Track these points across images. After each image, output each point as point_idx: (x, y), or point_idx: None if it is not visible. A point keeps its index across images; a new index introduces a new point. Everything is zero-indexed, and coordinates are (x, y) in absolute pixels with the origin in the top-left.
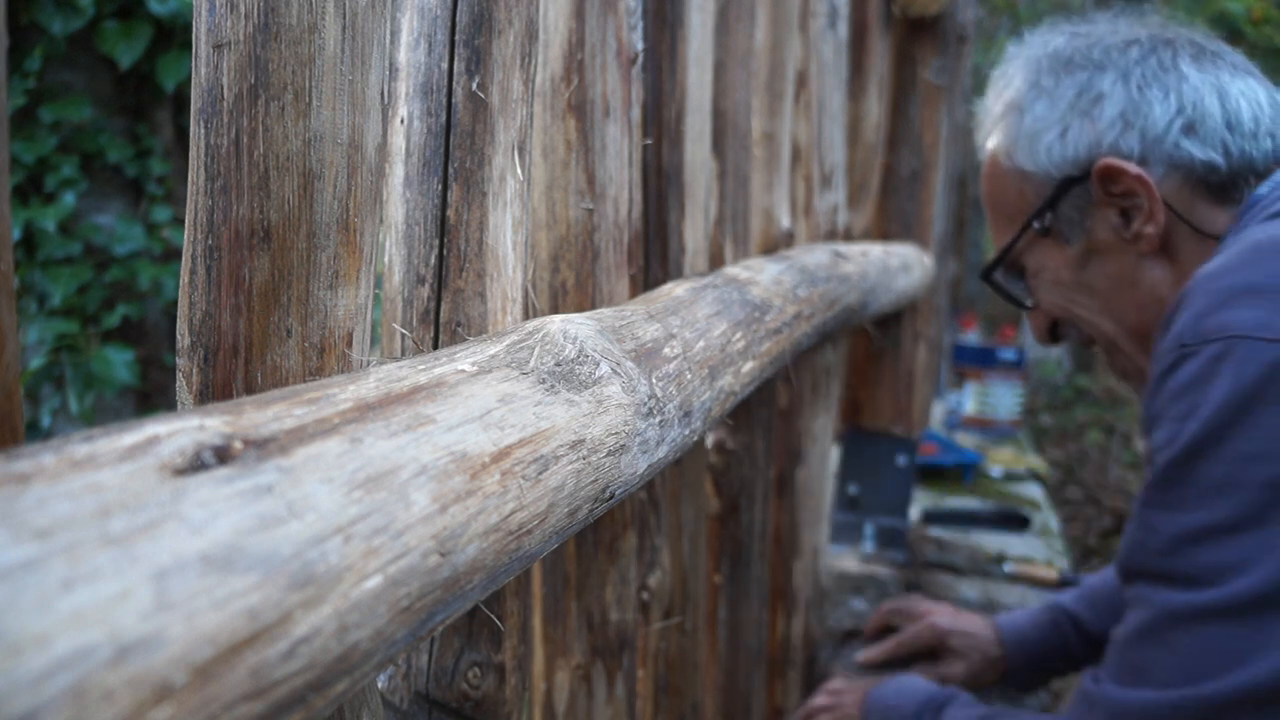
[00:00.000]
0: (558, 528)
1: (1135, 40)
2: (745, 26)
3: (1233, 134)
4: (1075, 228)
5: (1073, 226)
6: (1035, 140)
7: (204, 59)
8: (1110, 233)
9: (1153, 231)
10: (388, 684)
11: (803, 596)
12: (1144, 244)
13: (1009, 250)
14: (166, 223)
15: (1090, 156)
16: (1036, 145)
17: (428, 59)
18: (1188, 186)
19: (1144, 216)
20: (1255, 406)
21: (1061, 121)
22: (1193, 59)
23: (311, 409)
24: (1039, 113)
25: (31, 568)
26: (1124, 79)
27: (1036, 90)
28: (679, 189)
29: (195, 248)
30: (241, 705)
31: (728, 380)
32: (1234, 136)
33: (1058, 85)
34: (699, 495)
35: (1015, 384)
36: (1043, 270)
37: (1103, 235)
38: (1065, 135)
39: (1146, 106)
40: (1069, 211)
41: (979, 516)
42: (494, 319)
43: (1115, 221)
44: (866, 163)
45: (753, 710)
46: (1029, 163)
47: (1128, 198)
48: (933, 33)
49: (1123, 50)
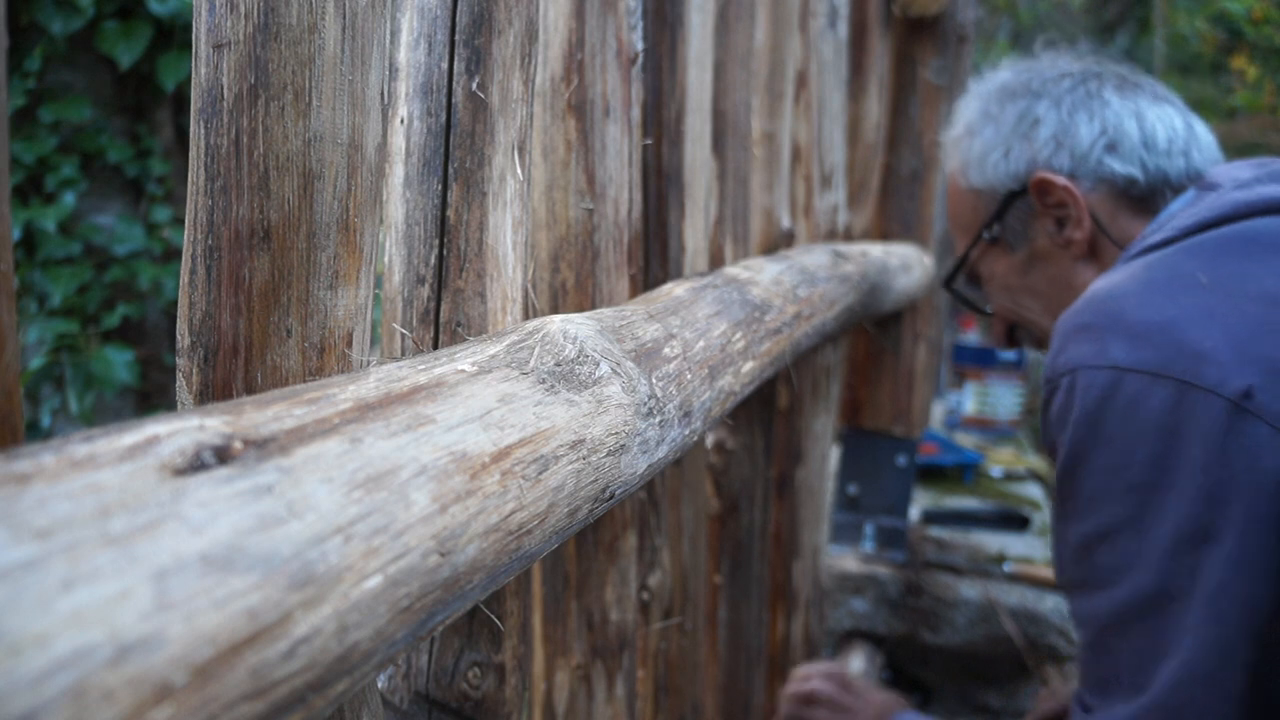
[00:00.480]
0: (558, 528)
1: (1068, 73)
2: (745, 26)
3: (1149, 152)
4: (1019, 236)
5: (1017, 235)
6: (984, 160)
7: (204, 59)
8: (1047, 239)
9: (1080, 237)
10: (388, 684)
11: (803, 596)
12: (1075, 248)
13: (965, 258)
14: (166, 223)
15: (1029, 172)
16: (985, 164)
17: (428, 59)
18: (1111, 198)
19: (1074, 224)
20: (1101, 423)
21: (1005, 143)
22: (1116, 89)
23: (311, 409)
24: (986, 136)
25: (31, 568)
26: (1056, 105)
27: (985, 117)
28: (679, 189)
29: (195, 248)
30: (241, 705)
31: (728, 380)
32: (1150, 154)
33: (1002, 112)
34: (699, 495)
35: (1015, 384)
36: (994, 276)
37: (1041, 242)
38: (1008, 155)
39: (1075, 128)
40: (1013, 222)
41: (979, 516)
42: (494, 319)
43: (1051, 229)
44: (866, 163)
45: (752, 710)
46: (979, 180)
47: (1060, 208)
48: (933, 33)
49: (1056, 81)
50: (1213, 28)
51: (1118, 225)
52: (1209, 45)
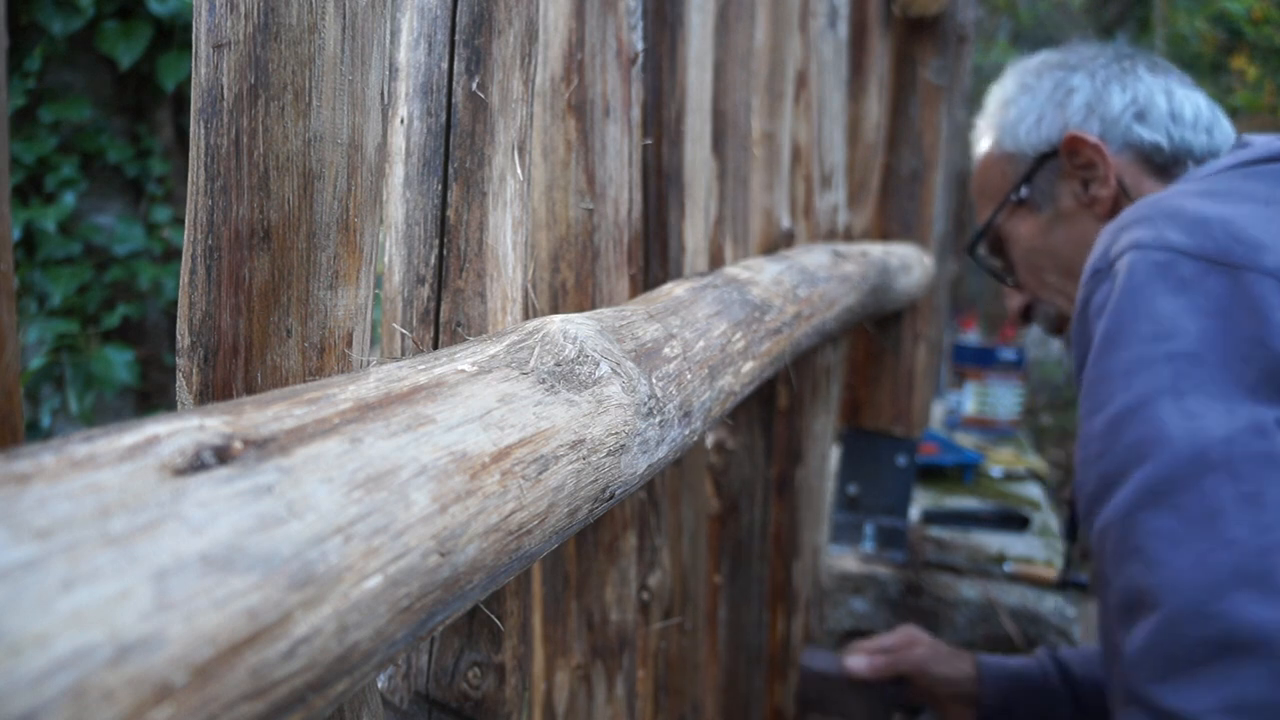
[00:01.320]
0: (558, 528)
1: (1103, 53)
2: (745, 26)
3: (1175, 124)
4: (1045, 197)
5: (1044, 196)
6: (1018, 125)
7: (204, 59)
8: (1073, 199)
9: (1105, 195)
10: (388, 684)
11: (803, 596)
12: (1099, 207)
13: (992, 221)
14: (166, 223)
15: (1060, 136)
16: (1018, 129)
17: (428, 59)
18: (1136, 164)
19: (1100, 182)
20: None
21: (1039, 110)
22: (1148, 68)
23: (311, 409)
24: (1022, 104)
25: (31, 568)
26: (1091, 76)
27: (1022, 88)
28: (679, 189)
29: (195, 248)
30: (241, 705)
31: (728, 380)
32: (1176, 126)
33: (1039, 82)
34: (699, 495)
35: (1015, 384)
36: (1018, 239)
37: (1067, 202)
38: (1041, 121)
39: (1108, 96)
40: (1041, 184)
41: (979, 516)
42: (494, 319)
43: (1078, 189)
44: (866, 163)
45: (753, 710)
46: (1012, 145)
47: (1088, 168)
48: (933, 33)
49: (1093, 58)
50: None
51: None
52: (1209, 45)
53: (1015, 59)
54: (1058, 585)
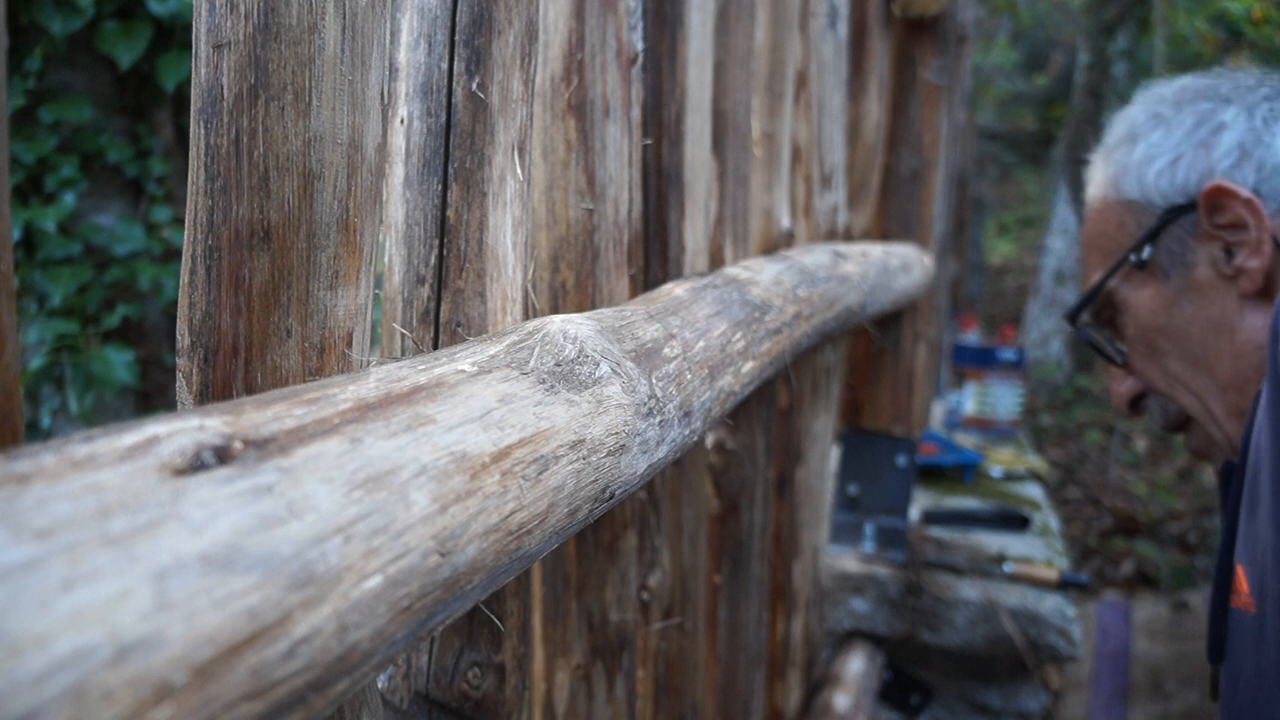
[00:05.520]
0: (558, 528)
1: (1265, 82)
2: (745, 26)
3: None
4: (1175, 261)
5: (1173, 260)
6: (1145, 167)
7: (204, 59)
8: (1211, 269)
9: (1256, 267)
10: (388, 684)
11: (803, 596)
12: (1246, 281)
13: (1103, 283)
14: (166, 223)
15: (1201, 186)
16: (1146, 172)
17: (428, 59)
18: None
19: (1249, 250)
20: None
21: (1176, 149)
22: None
23: (311, 409)
24: (1154, 140)
25: (31, 568)
26: (1248, 112)
27: (1154, 120)
28: (679, 189)
29: (195, 248)
30: (241, 705)
31: (728, 380)
32: None
33: (1177, 114)
34: (699, 495)
35: (1015, 384)
36: (1134, 311)
37: (1203, 272)
38: (1177, 163)
39: (1269, 139)
40: (1170, 244)
41: (979, 516)
42: (494, 319)
43: (1218, 255)
44: (866, 163)
45: (752, 710)
46: (1135, 191)
47: (1234, 230)
48: (933, 33)
49: (1252, 89)
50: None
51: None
52: (1209, 45)
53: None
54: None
